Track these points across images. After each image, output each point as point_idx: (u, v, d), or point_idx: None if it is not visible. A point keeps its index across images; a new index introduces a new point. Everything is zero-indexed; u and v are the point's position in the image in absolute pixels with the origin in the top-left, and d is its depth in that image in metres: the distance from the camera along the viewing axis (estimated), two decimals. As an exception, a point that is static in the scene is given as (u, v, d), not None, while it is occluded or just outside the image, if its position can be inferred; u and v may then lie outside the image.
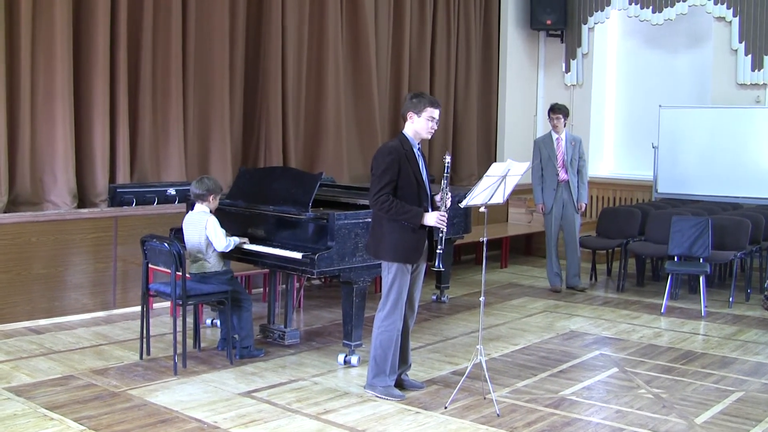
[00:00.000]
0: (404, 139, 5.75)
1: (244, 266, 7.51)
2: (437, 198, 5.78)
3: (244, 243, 6.79)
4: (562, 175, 9.50)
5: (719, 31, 11.87)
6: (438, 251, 5.70)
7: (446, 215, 5.68)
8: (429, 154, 11.80)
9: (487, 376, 5.73)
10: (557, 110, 9.63)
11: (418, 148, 5.79)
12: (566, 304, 9.06)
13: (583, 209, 9.76)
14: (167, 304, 7.97)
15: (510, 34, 13.37)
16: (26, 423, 5.20)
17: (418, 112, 5.71)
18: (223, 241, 6.56)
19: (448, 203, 5.72)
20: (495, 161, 10.46)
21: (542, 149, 9.59)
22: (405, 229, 5.66)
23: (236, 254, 6.84)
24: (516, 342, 7.47)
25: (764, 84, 11.50)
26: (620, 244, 9.91)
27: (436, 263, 5.73)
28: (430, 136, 5.85)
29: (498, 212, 12.15)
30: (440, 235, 5.68)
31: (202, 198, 6.70)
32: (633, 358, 6.99)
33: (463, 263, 11.46)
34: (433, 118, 5.73)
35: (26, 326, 7.51)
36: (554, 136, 9.59)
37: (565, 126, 9.64)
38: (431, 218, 5.65)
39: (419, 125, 5.73)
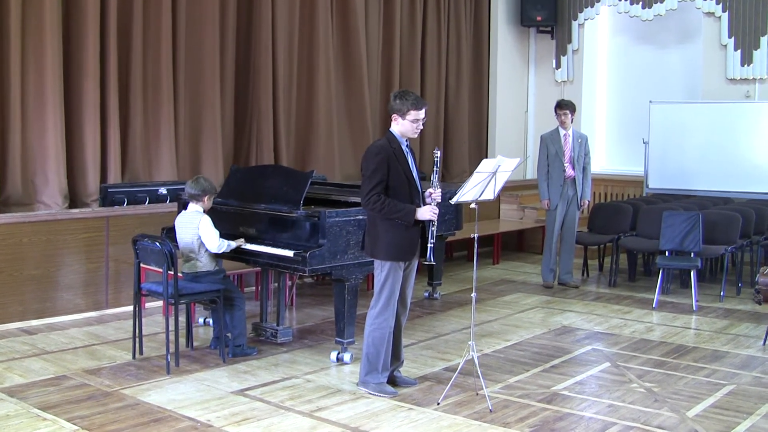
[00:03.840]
0: (392, 138, 5.75)
1: (237, 265, 7.51)
2: (426, 193, 5.79)
3: (241, 245, 6.78)
4: (569, 172, 9.49)
5: (709, 26, 11.91)
6: (429, 245, 5.72)
7: (437, 209, 5.70)
8: (420, 152, 11.82)
9: (479, 372, 5.74)
10: (564, 106, 9.61)
11: (407, 145, 5.80)
12: (558, 300, 9.08)
13: (585, 206, 9.77)
14: (159, 303, 7.98)
15: (500, 31, 13.39)
16: (19, 423, 5.20)
17: (402, 115, 5.70)
18: (216, 242, 6.54)
19: (438, 198, 5.73)
20: (486, 158, 10.48)
21: (549, 145, 9.57)
22: (399, 227, 5.67)
23: (228, 252, 6.83)
24: (508, 338, 7.48)
25: (754, 79, 11.55)
26: (612, 239, 9.92)
27: (428, 256, 5.74)
28: (416, 136, 5.86)
29: (489, 208, 12.18)
30: (432, 228, 5.69)
31: (197, 198, 6.68)
32: (625, 353, 7.02)
33: (455, 260, 11.48)
34: (418, 119, 5.71)
35: (18, 327, 7.50)
36: (561, 132, 9.57)
37: (572, 122, 9.63)
38: (424, 212, 5.66)
39: (404, 127, 5.73)
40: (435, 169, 5.76)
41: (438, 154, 5.77)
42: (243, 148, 10.20)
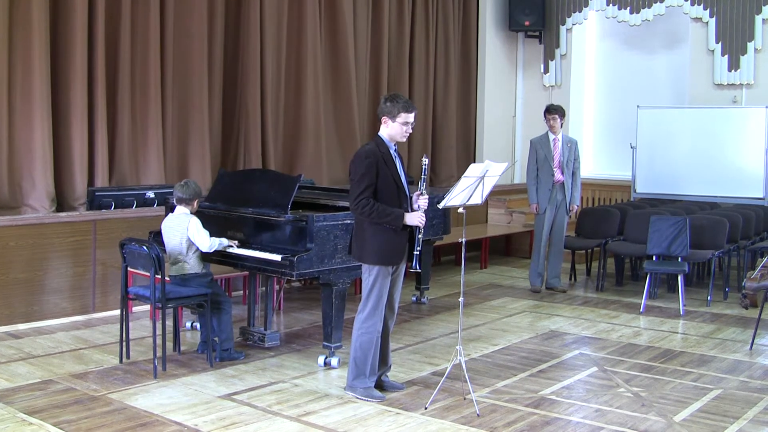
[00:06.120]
0: (380, 142, 5.76)
1: (224, 269, 7.50)
2: (413, 197, 5.78)
3: (231, 246, 6.76)
4: (558, 176, 9.50)
5: (696, 31, 11.97)
6: (415, 252, 5.72)
7: (424, 216, 5.70)
8: (408, 156, 11.84)
9: (467, 377, 5.74)
10: (553, 111, 9.61)
11: (395, 150, 5.80)
12: (546, 305, 9.09)
13: (574, 211, 9.77)
14: (147, 307, 7.95)
15: (488, 36, 13.42)
16: (5, 428, 5.17)
17: (392, 118, 5.71)
18: (207, 241, 6.54)
19: (424, 204, 5.73)
20: (474, 162, 10.49)
21: (538, 149, 9.57)
22: (388, 231, 5.67)
23: (216, 257, 6.82)
24: (496, 342, 7.49)
25: (741, 84, 11.61)
26: (599, 244, 9.94)
27: (414, 264, 5.75)
28: (405, 140, 5.86)
29: (477, 213, 12.19)
30: (418, 236, 5.70)
31: (186, 202, 6.67)
32: (612, 357, 7.03)
33: (442, 264, 11.49)
34: (408, 122, 5.73)
35: (5, 331, 7.46)
36: (551, 136, 9.58)
37: (561, 126, 9.64)
38: (413, 218, 5.66)
39: (394, 130, 5.74)
40: (423, 176, 5.76)
41: (426, 161, 5.77)
42: (231, 152, 10.20)
